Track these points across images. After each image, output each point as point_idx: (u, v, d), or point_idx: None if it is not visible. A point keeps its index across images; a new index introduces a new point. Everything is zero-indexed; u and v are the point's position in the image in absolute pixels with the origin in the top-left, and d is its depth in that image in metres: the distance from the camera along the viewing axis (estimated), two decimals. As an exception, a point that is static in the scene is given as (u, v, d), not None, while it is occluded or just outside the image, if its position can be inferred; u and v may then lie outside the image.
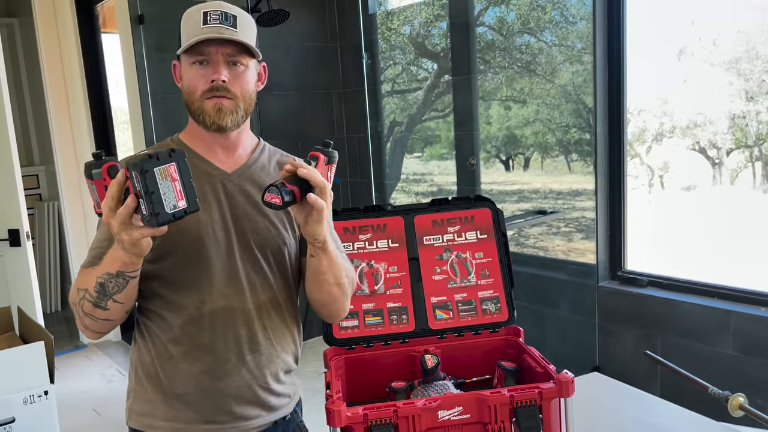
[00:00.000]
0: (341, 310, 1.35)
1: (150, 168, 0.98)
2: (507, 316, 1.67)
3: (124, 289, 1.14)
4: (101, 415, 3.42)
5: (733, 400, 1.51)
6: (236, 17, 1.23)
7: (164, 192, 0.99)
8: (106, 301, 1.15)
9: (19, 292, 3.08)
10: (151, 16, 3.56)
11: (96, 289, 1.14)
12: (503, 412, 1.31)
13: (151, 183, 0.98)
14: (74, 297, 1.20)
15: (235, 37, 1.21)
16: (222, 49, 1.22)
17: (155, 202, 0.98)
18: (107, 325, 1.21)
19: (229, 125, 1.25)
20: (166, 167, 1.00)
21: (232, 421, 1.28)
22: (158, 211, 0.98)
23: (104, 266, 1.13)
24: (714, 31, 3.06)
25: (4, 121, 2.90)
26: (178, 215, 1.01)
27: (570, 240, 3.44)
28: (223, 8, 1.23)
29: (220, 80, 1.21)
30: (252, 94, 1.29)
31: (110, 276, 1.12)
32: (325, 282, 1.27)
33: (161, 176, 0.99)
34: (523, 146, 3.71)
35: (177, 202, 1.00)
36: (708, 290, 2.74)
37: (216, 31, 1.20)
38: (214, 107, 1.23)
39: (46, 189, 5.34)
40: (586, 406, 1.47)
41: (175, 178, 1.00)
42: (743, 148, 3.36)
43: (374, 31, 4.22)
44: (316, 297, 1.31)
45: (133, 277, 1.14)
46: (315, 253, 1.23)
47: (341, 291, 1.31)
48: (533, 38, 3.41)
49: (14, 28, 5.16)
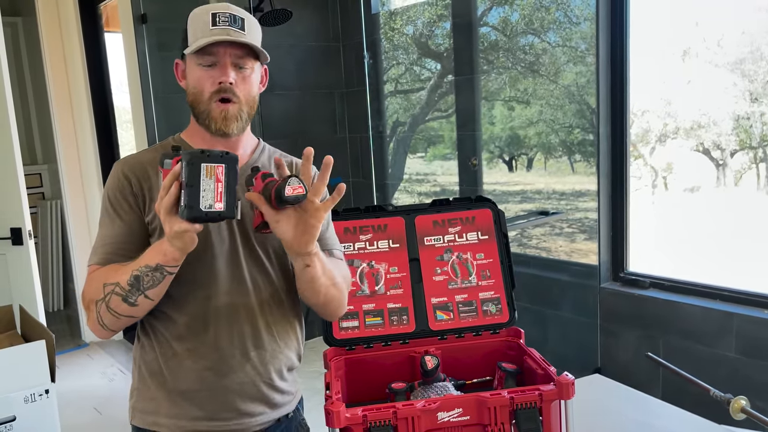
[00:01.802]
0: (340, 308, 1.35)
1: (197, 162, 0.99)
2: (508, 317, 1.66)
3: (159, 285, 1.14)
4: (102, 414, 3.42)
5: (735, 403, 1.50)
6: (244, 20, 1.24)
7: (204, 189, 0.99)
8: (137, 296, 1.14)
9: (21, 290, 3.08)
10: (154, 16, 3.57)
11: (129, 282, 1.13)
12: (503, 414, 1.31)
13: (193, 176, 0.98)
14: (96, 293, 1.18)
15: (244, 39, 1.21)
16: (231, 51, 1.22)
17: (191, 195, 0.99)
18: (126, 322, 1.20)
19: (234, 132, 1.26)
20: (215, 166, 1.00)
21: (237, 417, 1.29)
22: (192, 204, 0.99)
23: (143, 259, 1.13)
24: (718, 31, 3.05)
25: (7, 120, 2.90)
26: (211, 216, 1.00)
27: (573, 241, 3.43)
28: (231, 10, 1.23)
29: (228, 82, 1.21)
30: (255, 97, 1.29)
31: (148, 269, 1.12)
32: (322, 287, 1.26)
33: (207, 173, 0.99)
34: (527, 147, 3.70)
35: (214, 203, 1.00)
36: (710, 292, 2.73)
37: (225, 33, 1.20)
38: (221, 114, 1.23)
39: (49, 188, 5.35)
40: (587, 408, 1.46)
41: (221, 179, 1.00)
42: (747, 150, 3.35)
43: (377, 31, 4.21)
44: (313, 302, 1.30)
45: (171, 273, 1.13)
46: (309, 262, 1.19)
47: (338, 290, 1.30)
48: (537, 39, 3.41)
49: (18, 27, 5.17)
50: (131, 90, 3.76)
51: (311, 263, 1.20)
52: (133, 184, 1.26)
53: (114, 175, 1.28)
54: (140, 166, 1.28)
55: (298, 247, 1.16)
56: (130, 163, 1.29)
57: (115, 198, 1.26)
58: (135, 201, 1.25)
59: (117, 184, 1.26)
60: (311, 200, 1.11)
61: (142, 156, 1.31)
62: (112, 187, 1.27)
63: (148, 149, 1.36)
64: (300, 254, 1.18)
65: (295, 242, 1.15)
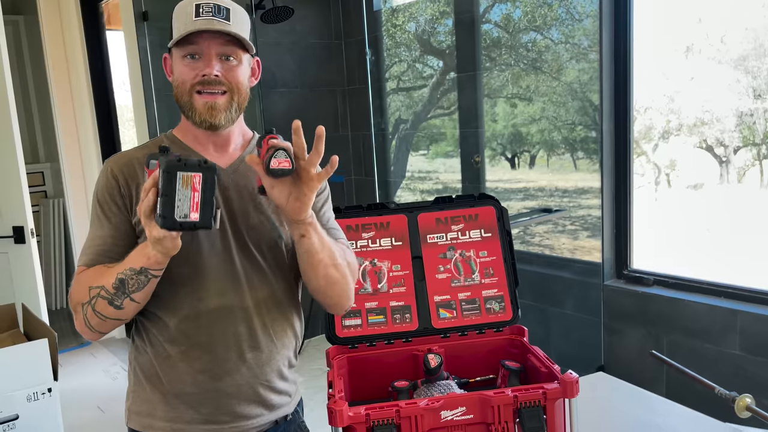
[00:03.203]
0: (344, 297, 1.31)
1: (173, 170, 0.98)
2: (511, 315, 1.65)
3: (144, 288, 1.13)
4: (105, 413, 3.42)
5: (740, 401, 1.49)
6: (229, 10, 1.20)
7: (179, 198, 0.98)
8: (123, 299, 1.13)
9: (23, 289, 3.09)
10: (156, 13, 3.56)
11: (114, 285, 1.12)
12: (507, 413, 1.30)
13: (168, 185, 0.98)
14: (81, 296, 1.17)
15: (228, 29, 1.18)
16: (214, 42, 1.19)
17: (165, 204, 0.98)
18: (114, 325, 1.19)
19: (222, 123, 1.23)
20: (191, 175, 0.99)
21: (233, 420, 1.27)
22: (165, 214, 0.98)
23: (128, 262, 1.12)
24: (722, 28, 3.04)
25: (9, 118, 2.90)
26: (186, 226, 1.00)
27: (576, 238, 3.42)
28: (215, 0, 1.20)
29: (213, 74, 1.19)
30: (246, 88, 1.26)
31: (133, 272, 1.11)
32: (321, 263, 1.22)
33: (183, 182, 0.98)
34: (529, 144, 3.69)
35: (189, 213, 0.99)
36: (714, 289, 2.72)
37: (209, 23, 1.17)
38: (205, 105, 1.20)
39: (51, 186, 5.35)
40: (590, 406, 1.45)
41: (197, 189, 0.99)
42: (751, 146, 3.33)
43: (379, 28, 4.20)
44: (314, 284, 1.26)
45: (155, 276, 1.12)
46: (305, 231, 1.17)
47: (339, 273, 1.26)
48: (539, 35, 3.39)
49: (19, 26, 5.17)
50: (133, 88, 3.75)
51: (306, 233, 1.18)
52: (121, 184, 1.24)
53: (103, 174, 1.26)
54: (129, 164, 1.25)
55: (291, 213, 1.15)
56: (120, 161, 1.27)
57: (104, 199, 1.24)
58: (123, 202, 1.23)
59: (106, 183, 1.25)
60: (306, 169, 1.11)
61: (132, 154, 1.29)
62: (101, 187, 1.25)
63: (139, 146, 1.33)
64: (294, 221, 1.16)
65: (288, 208, 1.14)
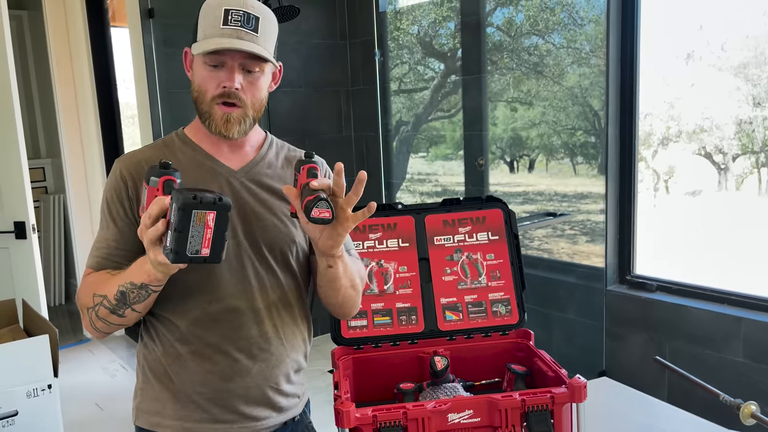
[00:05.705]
0: (354, 308, 1.35)
1: (189, 208, 0.97)
2: (518, 318, 1.66)
3: (145, 300, 1.13)
4: (104, 410, 3.41)
5: (745, 408, 1.49)
6: (258, 19, 1.18)
7: (192, 235, 0.98)
8: (125, 309, 1.14)
9: (24, 284, 3.07)
10: (161, 11, 3.55)
11: (116, 297, 1.13)
12: (514, 417, 1.30)
13: (183, 222, 0.97)
14: (87, 300, 1.18)
15: (253, 49, 1.16)
16: (238, 55, 1.18)
17: (179, 240, 0.97)
18: (119, 327, 1.20)
19: (235, 136, 1.23)
20: (205, 213, 0.98)
21: (242, 421, 1.27)
22: (178, 250, 0.98)
23: (129, 275, 1.11)
24: (722, 35, 3.04)
25: (11, 114, 2.89)
26: (196, 260, 0.99)
27: (575, 243, 3.42)
28: (246, 8, 1.17)
29: (234, 87, 1.18)
30: (263, 100, 1.26)
31: (134, 286, 1.11)
32: (342, 287, 1.26)
33: (197, 219, 0.98)
34: (529, 148, 3.69)
35: (201, 249, 0.99)
36: (718, 296, 2.73)
37: (236, 34, 1.15)
38: (223, 117, 1.20)
39: (53, 182, 5.34)
40: (593, 411, 1.45)
41: (210, 226, 0.99)
42: (749, 154, 3.34)
43: (385, 30, 4.21)
44: (332, 302, 1.31)
45: (156, 291, 1.13)
46: (333, 263, 1.21)
47: (355, 291, 1.31)
48: (541, 40, 3.40)
49: (23, 21, 5.16)
50: (137, 85, 3.74)
51: (334, 265, 1.22)
52: (129, 187, 1.23)
53: (113, 175, 1.26)
54: (139, 166, 1.24)
55: (323, 249, 1.18)
56: (129, 162, 1.26)
57: (112, 200, 1.24)
58: (130, 205, 1.23)
59: (114, 185, 1.24)
60: (343, 209, 1.12)
61: (142, 154, 1.28)
62: (110, 188, 1.25)
63: (149, 146, 1.33)
64: (325, 255, 1.20)
65: (321, 244, 1.17)
